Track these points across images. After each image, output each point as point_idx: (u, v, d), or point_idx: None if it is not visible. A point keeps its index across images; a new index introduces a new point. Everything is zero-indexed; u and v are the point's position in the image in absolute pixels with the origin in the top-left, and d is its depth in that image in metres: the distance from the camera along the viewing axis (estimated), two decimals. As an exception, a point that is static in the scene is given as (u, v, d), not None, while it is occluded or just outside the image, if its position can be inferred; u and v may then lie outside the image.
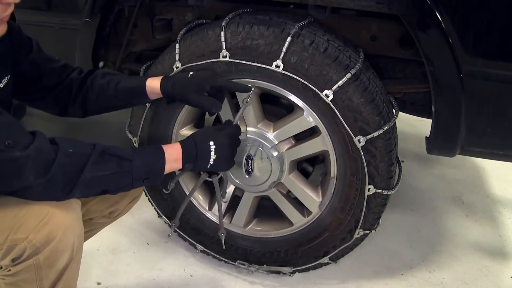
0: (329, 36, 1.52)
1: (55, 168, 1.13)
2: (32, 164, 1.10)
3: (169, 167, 1.31)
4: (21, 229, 1.15)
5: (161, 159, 1.29)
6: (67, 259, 1.20)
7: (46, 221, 1.15)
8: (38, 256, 1.15)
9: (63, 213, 1.18)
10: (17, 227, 1.15)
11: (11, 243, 1.15)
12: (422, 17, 1.35)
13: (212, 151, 1.35)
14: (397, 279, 1.92)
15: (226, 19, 1.55)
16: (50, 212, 1.16)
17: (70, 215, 1.20)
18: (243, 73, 1.55)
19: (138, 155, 1.27)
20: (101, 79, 1.53)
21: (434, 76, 1.40)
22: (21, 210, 1.16)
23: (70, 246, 1.19)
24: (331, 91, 1.46)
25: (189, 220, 1.90)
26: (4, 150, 1.08)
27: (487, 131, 1.44)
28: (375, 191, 1.57)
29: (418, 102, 1.89)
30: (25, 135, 1.13)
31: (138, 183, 1.26)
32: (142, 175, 1.25)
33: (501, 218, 2.36)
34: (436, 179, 2.65)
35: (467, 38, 1.32)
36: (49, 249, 1.15)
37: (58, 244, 1.16)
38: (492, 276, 1.97)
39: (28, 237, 1.14)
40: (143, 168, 1.25)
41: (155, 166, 1.28)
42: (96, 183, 1.20)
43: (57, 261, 1.18)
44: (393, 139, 1.58)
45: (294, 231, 1.78)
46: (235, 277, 1.88)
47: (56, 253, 1.17)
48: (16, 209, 1.17)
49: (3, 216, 1.18)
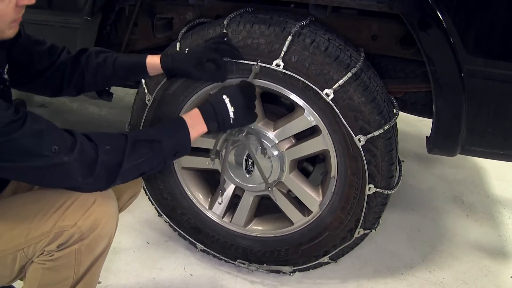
0: (329, 35, 1.52)
1: (99, 167, 1.18)
2: (79, 166, 1.15)
3: (195, 133, 1.35)
4: (69, 216, 1.20)
5: (185, 130, 1.34)
6: (105, 245, 1.27)
7: (93, 210, 1.21)
8: (83, 241, 1.21)
9: (106, 202, 1.25)
10: (65, 215, 1.20)
11: (59, 230, 1.20)
12: (423, 17, 1.35)
13: (228, 104, 1.39)
14: (397, 278, 1.92)
15: (228, 18, 1.55)
16: (96, 201, 1.22)
17: (112, 204, 1.28)
18: (244, 72, 1.55)
19: (164, 134, 1.32)
20: (96, 57, 1.53)
21: (435, 76, 1.40)
22: (68, 200, 1.22)
23: (109, 234, 1.27)
24: (331, 90, 1.46)
25: (189, 219, 1.90)
26: (51, 156, 1.11)
27: (487, 131, 1.44)
28: (375, 191, 1.57)
29: (419, 102, 1.89)
30: (66, 138, 1.16)
31: (170, 159, 1.34)
32: (172, 151, 1.32)
33: (501, 218, 2.36)
34: (436, 179, 2.65)
35: (468, 37, 1.32)
36: (93, 235, 1.22)
37: (101, 230, 1.23)
38: (492, 276, 1.97)
39: (76, 224, 1.20)
40: (172, 145, 1.32)
41: (181, 140, 1.34)
42: (134, 170, 1.26)
43: (97, 247, 1.25)
44: (394, 138, 1.58)
45: (294, 231, 1.78)
46: (235, 276, 1.88)
47: (98, 239, 1.23)
48: (62, 199, 1.22)
49: (49, 205, 1.22)
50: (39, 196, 1.26)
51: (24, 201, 1.27)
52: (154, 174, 1.84)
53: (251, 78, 1.53)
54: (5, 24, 1.16)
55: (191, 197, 1.88)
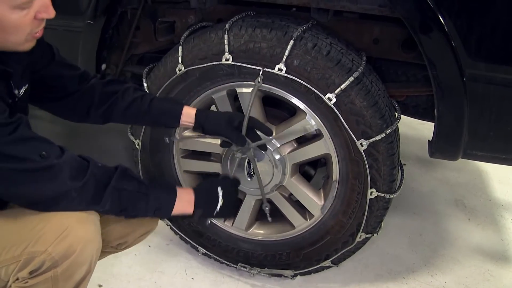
0: (331, 39, 1.52)
1: (89, 175, 1.18)
2: (68, 168, 1.15)
3: (180, 206, 1.36)
4: (40, 241, 1.15)
5: (173, 194, 1.35)
6: (85, 272, 1.22)
7: (66, 234, 1.16)
8: (56, 269, 1.16)
9: (83, 227, 1.19)
10: (35, 239, 1.15)
11: (29, 256, 1.15)
12: (424, 20, 1.35)
13: (220, 198, 1.43)
14: (399, 282, 1.92)
15: (229, 22, 1.55)
16: (70, 226, 1.17)
17: (91, 228, 1.21)
18: (246, 76, 1.55)
19: (153, 185, 1.35)
20: (134, 92, 1.55)
21: (436, 80, 1.40)
22: (40, 223, 1.17)
23: (89, 260, 1.21)
24: (333, 94, 1.46)
25: (190, 223, 1.90)
26: (40, 160, 1.11)
27: (489, 135, 1.44)
28: (377, 195, 1.57)
29: (421, 106, 1.89)
30: (56, 147, 1.17)
31: (150, 211, 1.32)
32: (155, 204, 1.31)
33: (503, 222, 2.35)
34: (438, 183, 2.65)
35: (470, 41, 1.32)
36: (68, 262, 1.16)
37: (77, 257, 1.17)
38: (494, 280, 1.97)
39: (47, 250, 1.14)
40: (157, 197, 1.32)
41: (167, 199, 1.34)
42: (119, 197, 1.25)
43: (75, 274, 1.20)
44: (396, 142, 1.57)
45: (296, 234, 1.78)
46: (237, 280, 1.88)
47: (74, 266, 1.18)
48: (35, 221, 1.18)
49: (20, 227, 1.18)
50: (15, 217, 1.22)
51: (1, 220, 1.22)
52: (155, 178, 1.84)
53: (254, 94, 1.55)
54: (21, 36, 1.14)
55: (192, 200, 1.87)
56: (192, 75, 1.62)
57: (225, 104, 1.66)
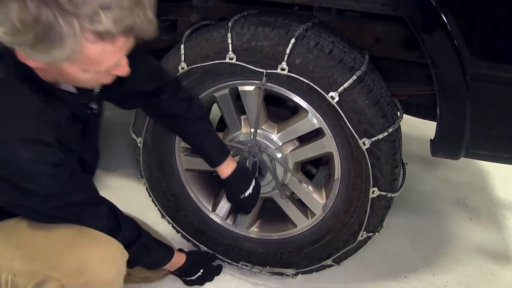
0: (334, 38, 1.52)
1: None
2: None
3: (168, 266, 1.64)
4: (59, 268, 1.16)
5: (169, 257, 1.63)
6: None
7: (84, 271, 1.16)
8: None
9: (104, 267, 1.20)
10: (56, 264, 1.16)
11: (44, 278, 1.16)
12: (427, 19, 1.34)
13: (199, 274, 1.77)
14: (400, 282, 1.92)
15: (232, 20, 1.55)
16: (91, 263, 1.17)
17: (112, 271, 1.22)
18: (248, 74, 1.55)
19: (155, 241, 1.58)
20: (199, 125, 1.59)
21: (439, 79, 1.39)
22: (67, 247, 1.19)
23: None
24: (336, 93, 1.46)
25: (192, 221, 1.90)
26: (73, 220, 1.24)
27: (492, 134, 1.44)
28: (379, 194, 1.57)
29: (423, 105, 1.88)
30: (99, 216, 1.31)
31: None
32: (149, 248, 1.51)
33: (505, 221, 2.35)
34: (440, 182, 2.65)
35: (472, 40, 1.32)
36: None
37: None
38: (496, 280, 1.97)
39: (61, 280, 1.15)
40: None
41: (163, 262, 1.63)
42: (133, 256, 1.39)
43: None
44: (398, 141, 1.57)
45: (297, 233, 1.78)
46: (238, 278, 1.88)
47: None
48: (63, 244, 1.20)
49: (49, 244, 1.20)
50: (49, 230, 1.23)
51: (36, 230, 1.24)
52: (157, 176, 1.85)
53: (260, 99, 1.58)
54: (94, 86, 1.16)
55: (194, 199, 1.88)
56: (194, 74, 1.62)
57: (227, 102, 1.66)
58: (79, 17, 0.90)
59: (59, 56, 0.93)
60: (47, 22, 0.88)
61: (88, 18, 0.90)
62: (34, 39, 0.91)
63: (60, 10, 0.88)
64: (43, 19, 0.88)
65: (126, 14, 0.93)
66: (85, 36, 0.92)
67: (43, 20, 0.88)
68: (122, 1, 0.92)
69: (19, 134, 1.05)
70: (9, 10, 0.88)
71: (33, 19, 0.88)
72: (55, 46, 0.91)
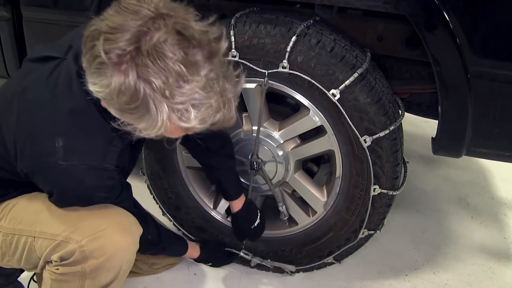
0: (335, 35, 1.52)
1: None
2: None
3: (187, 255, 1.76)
4: (78, 231, 1.21)
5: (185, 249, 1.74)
6: (111, 278, 1.26)
7: (102, 235, 1.21)
8: (85, 265, 1.21)
9: (121, 234, 1.24)
10: (76, 227, 1.21)
11: (65, 240, 1.20)
12: (429, 17, 1.34)
13: (209, 264, 1.88)
14: (401, 280, 1.92)
15: (234, 17, 1.55)
16: (108, 228, 1.22)
17: (128, 238, 1.27)
18: (250, 72, 1.55)
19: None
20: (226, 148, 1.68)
21: (441, 77, 1.39)
22: (87, 213, 1.23)
23: (117, 268, 1.25)
24: (337, 90, 1.46)
25: (193, 218, 1.90)
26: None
27: (493, 132, 1.44)
28: (380, 191, 1.57)
29: (424, 103, 1.88)
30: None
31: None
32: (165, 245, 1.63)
33: (506, 220, 2.35)
34: (441, 181, 2.64)
35: (474, 38, 1.32)
36: (96, 262, 1.21)
37: (106, 261, 1.22)
38: (497, 278, 1.97)
39: (81, 242, 1.20)
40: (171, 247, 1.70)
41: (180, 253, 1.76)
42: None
43: (101, 276, 1.24)
44: (399, 139, 1.57)
45: (298, 231, 1.78)
46: (239, 276, 1.88)
47: (101, 268, 1.22)
48: (84, 210, 1.24)
49: (70, 210, 1.24)
50: None
51: None
52: (159, 174, 1.85)
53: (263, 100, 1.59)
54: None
55: (195, 196, 1.88)
56: (196, 71, 1.62)
57: (228, 100, 1.66)
58: (170, 108, 0.92)
59: (138, 125, 0.97)
60: (141, 101, 0.91)
61: (178, 112, 0.92)
62: (123, 108, 0.94)
63: (156, 94, 0.90)
64: (139, 96, 0.90)
65: (213, 113, 0.96)
66: (169, 124, 0.95)
67: (138, 97, 0.91)
68: (212, 101, 0.94)
69: (87, 161, 1.12)
70: (110, 78, 0.90)
71: (130, 93, 0.90)
72: (140, 121, 0.95)
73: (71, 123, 1.11)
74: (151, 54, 0.88)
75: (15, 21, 1.86)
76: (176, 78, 0.90)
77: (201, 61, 0.92)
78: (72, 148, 1.10)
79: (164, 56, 0.89)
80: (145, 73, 0.89)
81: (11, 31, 1.87)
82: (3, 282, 1.58)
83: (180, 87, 0.90)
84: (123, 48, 0.89)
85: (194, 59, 0.91)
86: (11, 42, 1.88)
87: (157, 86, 0.89)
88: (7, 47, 1.90)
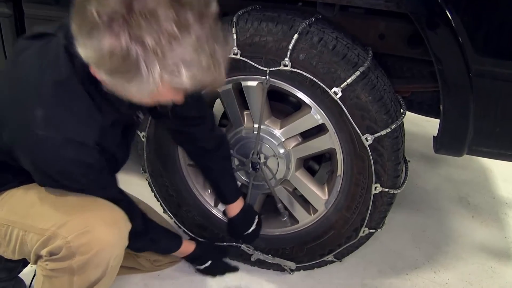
0: (337, 34, 1.52)
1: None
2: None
3: (176, 253, 1.72)
4: (65, 227, 1.21)
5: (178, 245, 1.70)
6: (99, 274, 1.26)
7: (87, 231, 1.21)
8: (72, 261, 1.21)
9: (107, 230, 1.24)
10: (63, 223, 1.21)
11: (52, 235, 1.21)
12: (431, 16, 1.34)
13: (207, 265, 1.80)
14: (402, 279, 1.92)
15: (236, 15, 1.55)
16: (94, 225, 1.22)
17: (114, 233, 1.26)
18: (251, 70, 1.55)
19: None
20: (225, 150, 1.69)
21: (442, 76, 1.39)
22: (75, 209, 1.24)
23: (105, 263, 1.25)
24: (339, 88, 1.46)
25: (194, 216, 1.90)
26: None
27: (495, 131, 1.43)
28: (381, 190, 1.57)
29: (426, 102, 1.88)
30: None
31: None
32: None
33: (507, 220, 2.35)
34: (442, 180, 2.64)
35: (477, 37, 1.32)
36: (83, 258, 1.21)
37: (93, 257, 1.22)
38: (498, 277, 1.97)
39: (67, 238, 1.20)
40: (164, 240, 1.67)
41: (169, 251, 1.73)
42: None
43: (89, 272, 1.24)
44: (401, 138, 1.57)
45: (299, 229, 1.78)
46: (240, 274, 1.88)
47: (89, 265, 1.22)
48: (72, 205, 1.25)
49: (59, 205, 1.25)
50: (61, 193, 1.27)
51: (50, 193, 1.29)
52: (160, 172, 1.85)
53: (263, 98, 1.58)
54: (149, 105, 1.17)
55: (196, 194, 1.88)
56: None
57: (230, 97, 1.66)
58: (161, 67, 0.91)
59: (130, 89, 0.97)
60: (133, 62, 0.90)
61: (169, 71, 0.92)
62: (114, 70, 0.93)
63: (148, 54, 0.89)
64: (131, 57, 0.90)
65: (203, 72, 0.95)
66: (161, 84, 0.94)
67: (130, 58, 0.90)
68: (202, 60, 0.94)
69: (65, 133, 1.11)
70: (102, 39, 0.89)
71: (121, 54, 0.89)
72: (131, 82, 0.94)
73: (54, 94, 1.11)
74: (143, 14, 0.88)
75: (17, 18, 1.86)
76: (168, 38, 0.89)
77: (192, 22, 0.92)
78: (52, 119, 1.10)
79: (157, 16, 0.88)
80: (137, 33, 0.88)
81: (12, 28, 1.87)
82: (5, 277, 1.58)
83: (171, 46, 0.90)
84: (115, 9, 0.88)
85: (185, 20, 0.91)
86: (12, 39, 1.89)
87: (149, 46, 0.89)
88: (9, 44, 1.90)
